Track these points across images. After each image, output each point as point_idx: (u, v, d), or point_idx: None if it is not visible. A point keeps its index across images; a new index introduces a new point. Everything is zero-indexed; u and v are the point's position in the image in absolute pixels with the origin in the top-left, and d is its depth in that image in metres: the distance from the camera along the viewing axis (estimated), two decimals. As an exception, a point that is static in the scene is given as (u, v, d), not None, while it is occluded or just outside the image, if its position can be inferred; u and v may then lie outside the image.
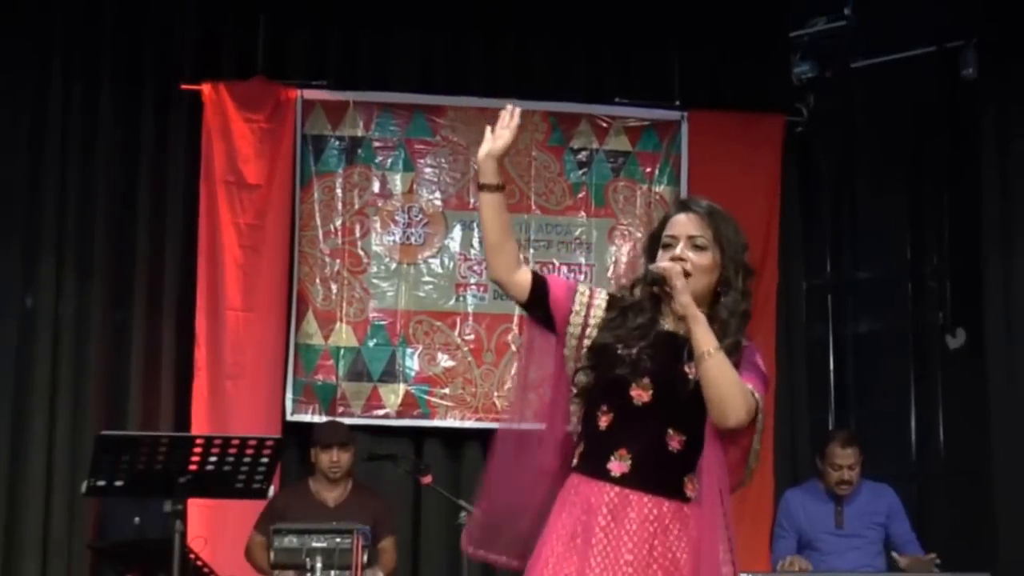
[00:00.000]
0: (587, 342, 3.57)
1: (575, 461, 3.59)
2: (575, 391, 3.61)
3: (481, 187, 3.61)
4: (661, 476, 3.52)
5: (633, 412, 3.52)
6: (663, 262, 3.54)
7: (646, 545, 3.46)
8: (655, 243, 3.64)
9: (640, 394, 3.52)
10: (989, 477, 7.41)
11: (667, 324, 3.58)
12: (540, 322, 3.64)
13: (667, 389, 3.52)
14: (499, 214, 3.60)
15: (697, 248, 3.56)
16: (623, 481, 3.51)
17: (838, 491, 6.90)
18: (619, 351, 3.53)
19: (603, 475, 3.52)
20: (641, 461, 3.51)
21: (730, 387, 3.45)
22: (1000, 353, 7.46)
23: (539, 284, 3.61)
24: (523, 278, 3.61)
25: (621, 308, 3.60)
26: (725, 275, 3.58)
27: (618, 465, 3.51)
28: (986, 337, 7.57)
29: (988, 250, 7.59)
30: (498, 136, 3.61)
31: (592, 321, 3.58)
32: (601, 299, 3.63)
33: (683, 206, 3.66)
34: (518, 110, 3.64)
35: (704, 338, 3.46)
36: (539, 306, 3.61)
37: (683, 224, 3.59)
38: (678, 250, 3.55)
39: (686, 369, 3.52)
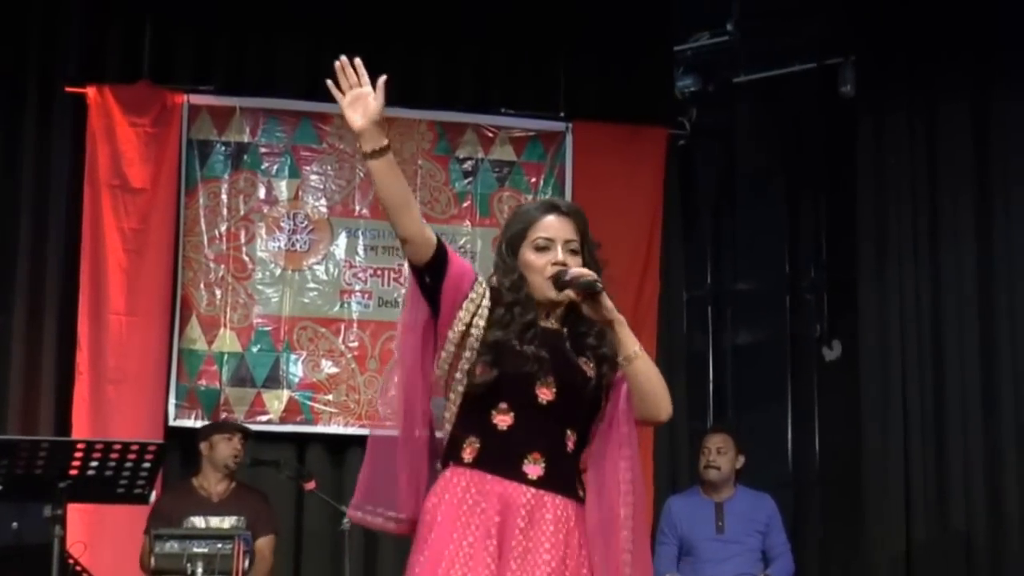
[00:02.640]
0: (475, 331, 3.49)
1: (467, 457, 3.50)
2: (462, 378, 3.50)
3: (371, 155, 3.43)
4: (566, 477, 3.52)
5: (537, 411, 3.49)
6: (576, 268, 3.50)
7: (561, 547, 3.45)
8: (518, 241, 3.58)
9: (545, 393, 3.49)
10: (859, 486, 7.57)
11: (543, 322, 3.56)
12: (424, 289, 3.51)
13: (569, 388, 3.51)
14: (397, 174, 3.45)
15: (572, 253, 3.56)
16: (539, 484, 3.47)
17: (706, 476, 7.04)
18: (516, 347, 3.48)
19: (518, 477, 3.47)
20: (552, 464, 3.49)
21: (661, 382, 3.58)
22: (873, 365, 7.61)
23: (442, 249, 3.49)
24: (431, 236, 3.47)
25: (506, 304, 3.53)
26: None
27: (534, 468, 3.47)
28: (860, 349, 7.73)
29: (863, 264, 7.74)
30: (360, 97, 3.55)
31: (482, 312, 3.51)
32: (487, 291, 3.56)
33: (553, 208, 3.62)
34: (357, 60, 3.59)
35: (630, 338, 3.51)
36: (435, 272, 3.48)
37: (558, 227, 3.56)
38: (560, 255, 3.54)
39: (583, 367, 3.54)
